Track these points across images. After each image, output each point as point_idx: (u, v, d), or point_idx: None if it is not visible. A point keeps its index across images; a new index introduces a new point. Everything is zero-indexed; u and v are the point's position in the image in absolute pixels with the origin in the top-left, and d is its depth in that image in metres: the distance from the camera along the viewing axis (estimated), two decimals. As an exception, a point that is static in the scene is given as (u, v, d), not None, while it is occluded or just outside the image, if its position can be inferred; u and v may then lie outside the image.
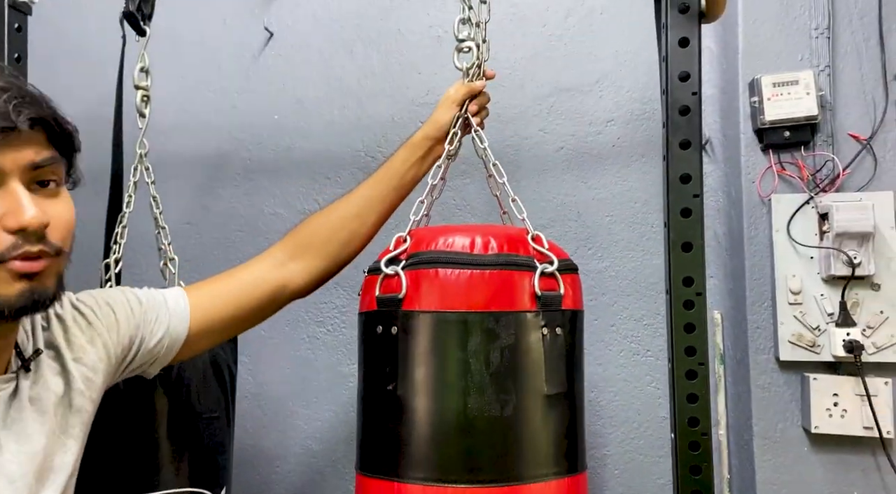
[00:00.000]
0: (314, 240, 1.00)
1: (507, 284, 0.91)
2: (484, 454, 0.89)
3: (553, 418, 0.92)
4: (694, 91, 0.97)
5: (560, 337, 0.93)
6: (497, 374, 0.90)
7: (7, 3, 1.07)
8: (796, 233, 1.31)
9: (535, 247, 0.95)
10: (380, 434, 0.95)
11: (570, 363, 0.95)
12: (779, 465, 1.30)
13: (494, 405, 0.89)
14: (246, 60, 1.62)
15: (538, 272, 0.91)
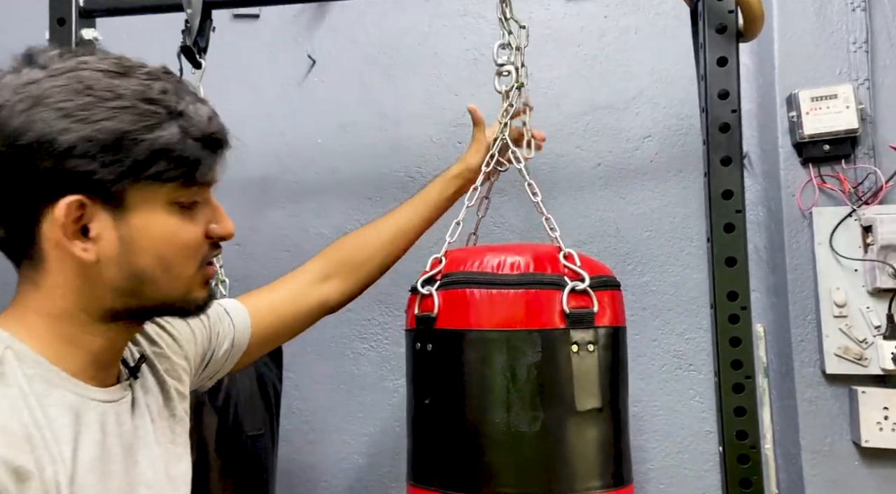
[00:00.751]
0: (351, 261, 1.06)
1: (533, 303, 0.94)
2: (513, 468, 0.91)
3: (589, 433, 0.94)
4: (733, 108, 0.99)
5: (593, 354, 0.94)
6: (526, 391, 0.92)
7: (74, 42, 1.14)
8: (839, 245, 1.31)
9: (566, 265, 0.97)
10: (420, 446, 1.00)
11: (608, 378, 0.96)
12: (829, 480, 1.29)
13: (523, 420, 0.91)
14: (290, 87, 1.67)
15: (567, 289, 0.93)
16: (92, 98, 0.61)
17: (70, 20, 1.15)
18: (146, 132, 0.62)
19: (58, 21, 1.15)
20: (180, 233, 0.67)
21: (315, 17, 1.68)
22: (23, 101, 0.60)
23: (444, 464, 0.95)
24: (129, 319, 0.69)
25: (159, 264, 0.66)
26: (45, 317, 0.65)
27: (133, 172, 0.62)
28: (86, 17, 1.17)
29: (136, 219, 0.64)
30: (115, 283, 0.65)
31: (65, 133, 0.60)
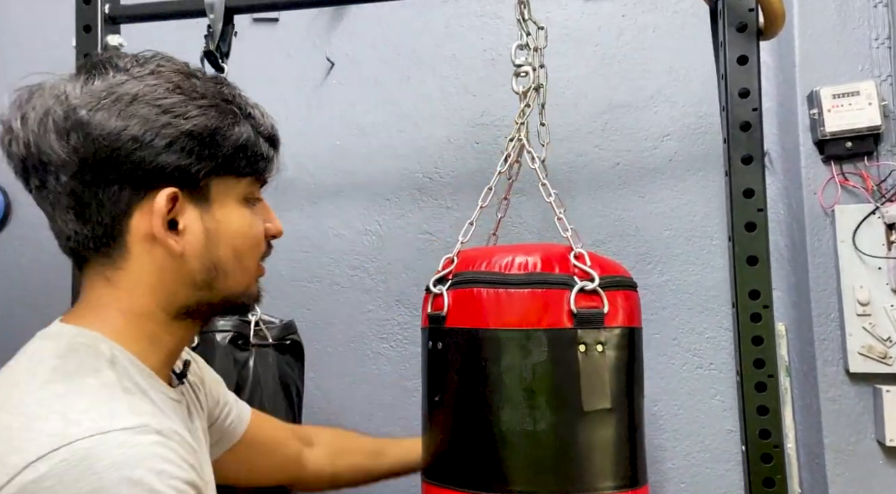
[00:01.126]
0: (344, 448, 1.12)
1: (539, 302, 0.94)
2: (519, 467, 0.92)
3: (598, 433, 0.93)
4: (754, 107, 0.99)
5: (603, 354, 0.93)
6: (532, 391, 0.92)
7: (100, 48, 1.16)
8: (862, 243, 1.29)
9: (576, 265, 0.96)
10: (432, 444, 1.01)
11: (619, 379, 0.95)
12: (853, 479, 1.28)
13: (529, 420, 0.92)
14: (309, 90, 1.69)
15: (575, 289, 0.93)
16: (183, 96, 0.65)
17: (96, 27, 1.17)
18: (230, 129, 0.67)
19: (84, 28, 1.17)
20: (252, 227, 0.72)
21: (333, 20, 1.70)
22: (118, 101, 0.63)
23: (454, 462, 0.96)
24: (197, 316, 0.71)
25: (234, 256, 0.69)
26: (128, 315, 0.66)
27: (220, 167, 0.67)
28: (111, 24, 1.19)
29: (218, 212, 0.68)
30: (193, 276, 0.68)
31: (167, 127, 0.64)
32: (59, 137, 0.63)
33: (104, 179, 0.64)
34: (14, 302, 1.76)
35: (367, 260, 1.64)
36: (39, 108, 0.64)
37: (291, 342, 1.22)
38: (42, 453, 0.53)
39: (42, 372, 0.61)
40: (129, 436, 0.55)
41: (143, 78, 0.65)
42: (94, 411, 0.57)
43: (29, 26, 1.81)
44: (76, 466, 0.53)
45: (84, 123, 0.62)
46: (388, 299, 1.62)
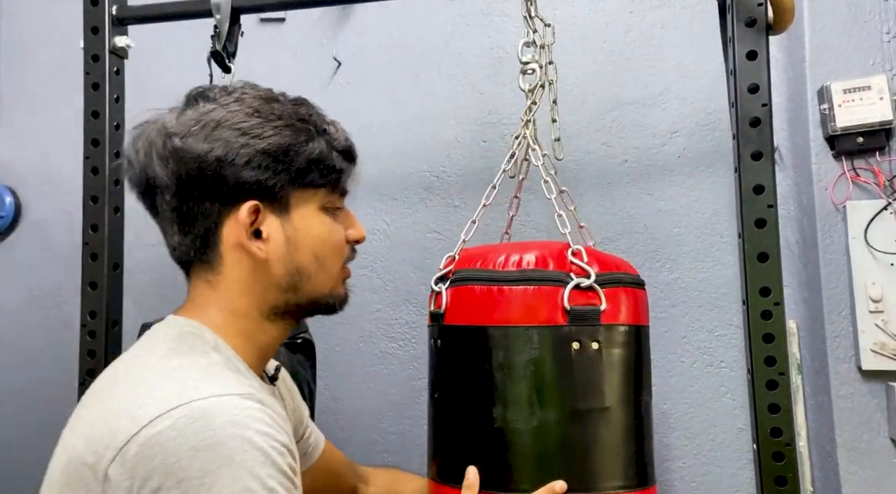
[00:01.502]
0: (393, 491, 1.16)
1: (533, 299, 0.93)
2: (517, 465, 0.91)
3: (596, 432, 0.92)
4: (764, 102, 0.98)
5: (599, 352, 0.92)
6: (526, 388, 0.92)
7: (107, 49, 1.17)
8: (874, 239, 1.28)
9: (573, 261, 0.95)
10: (433, 439, 1.01)
11: (620, 377, 0.94)
12: (866, 478, 1.27)
13: (524, 418, 0.91)
14: (316, 89, 1.69)
15: (569, 286, 0.92)
16: (260, 119, 0.74)
17: (104, 28, 1.17)
18: (303, 145, 0.75)
19: (92, 30, 1.18)
20: (332, 233, 0.79)
21: (340, 19, 1.70)
22: (205, 127, 0.73)
23: (455, 460, 0.96)
24: (288, 316, 0.79)
25: (315, 260, 0.77)
26: (226, 312, 0.76)
27: (295, 179, 0.75)
28: (119, 25, 1.20)
29: (297, 221, 0.76)
30: (279, 280, 0.76)
31: (245, 147, 0.73)
32: (161, 163, 0.74)
33: (198, 196, 0.74)
34: (24, 301, 1.78)
35: (375, 260, 1.64)
36: (146, 141, 0.76)
37: (303, 340, 1.22)
38: (165, 409, 0.62)
39: (158, 350, 0.72)
40: (239, 401, 0.65)
41: (227, 105, 0.75)
42: (207, 381, 0.67)
43: (37, 27, 1.82)
44: (196, 421, 0.61)
45: (178, 149, 0.73)
46: (397, 298, 1.62)
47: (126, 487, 0.61)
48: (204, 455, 0.60)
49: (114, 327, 1.15)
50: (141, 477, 0.61)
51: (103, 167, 1.15)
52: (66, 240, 1.74)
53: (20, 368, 1.76)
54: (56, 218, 1.76)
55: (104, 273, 1.14)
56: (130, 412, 0.64)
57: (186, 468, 0.60)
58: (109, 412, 0.65)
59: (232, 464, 0.60)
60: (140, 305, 1.67)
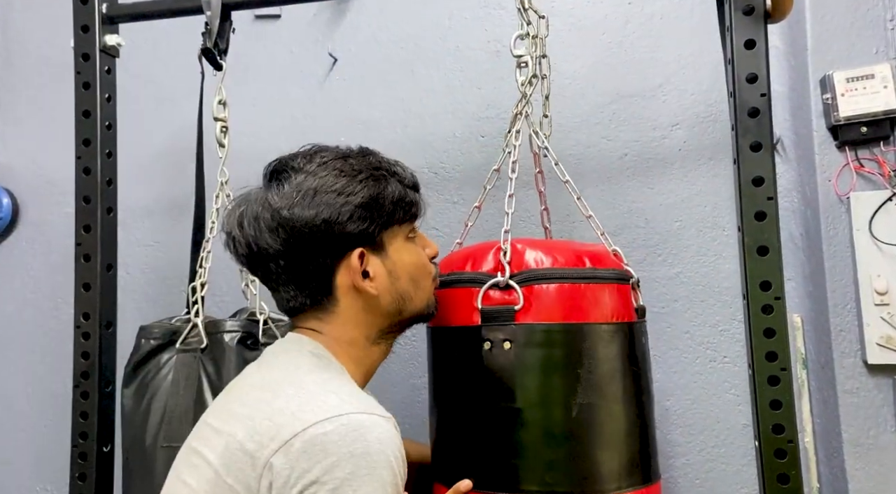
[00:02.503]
0: None
1: (458, 300, 0.97)
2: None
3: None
4: (763, 92, 0.96)
5: (509, 352, 0.91)
6: (460, 387, 0.96)
7: (98, 48, 1.16)
8: (879, 230, 1.26)
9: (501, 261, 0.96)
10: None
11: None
12: (873, 473, 1.25)
13: (464, 417, 0.95)
14: (312, 87, 1.68)
15: (485, 286, 0.94)
16: (347, 178, 0.85)
17: (94, 27, 1.16)
18: (385, 190, 0.86)
19: (82, 28, 1.17)
20: (419, 258, 0.91)
21: (335, 15, 1.68)
22: (305, 196, 0.84)
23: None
24: (390, 336, 0.92)
25: (413, 284, 0.89)
26: (340, 342, 0.87)
27: (387, 222, 0.87)
28: (109, 24, 1.19)
29: (393, 255, 0.88)
30: (387, 308, 0.88)
31: (345, 206, 0.84)
32: (271, 234, 0.84)
33: (311, 255, 0.84)
34: (22, 304, 1.77)
35: (373, 257, 1.62)
36: (250, 215, 0.86)
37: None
38: (329, 415, 0.74)
39: (304, 364, 0.84)
40: (384, 422, 0.77)
41: (315, 172, 0.85)
42: (356, 398, 0.79)
43: (34, 27, 1.81)
44: (354, 430, 0.74)
45: (287, 219, 0.83)
46: (396, 296, 1.61)
47: (286, 475, 0.72)
48: (356, 461, 0.72)
49: (108, 328, 1.15)
50: (301, 469, 0.72)
51: (95, 167, 1.14)
52: (64, 242, 1.73)
53: (18, 370, 1.76)
54: (54, 219, 1.76)
55: (97, 274, 1.13)
56: (296, 413, 0.75)
57: (342, 467, 0.72)
58: (274, 410, 0.76)
59: (374, 474, 0.73)
60: (139, 307, 1.67)
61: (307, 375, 0.81)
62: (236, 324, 1.14)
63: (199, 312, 1.13)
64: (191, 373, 1.06)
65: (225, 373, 1.07)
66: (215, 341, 1.11)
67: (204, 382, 1.07)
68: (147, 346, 1.11)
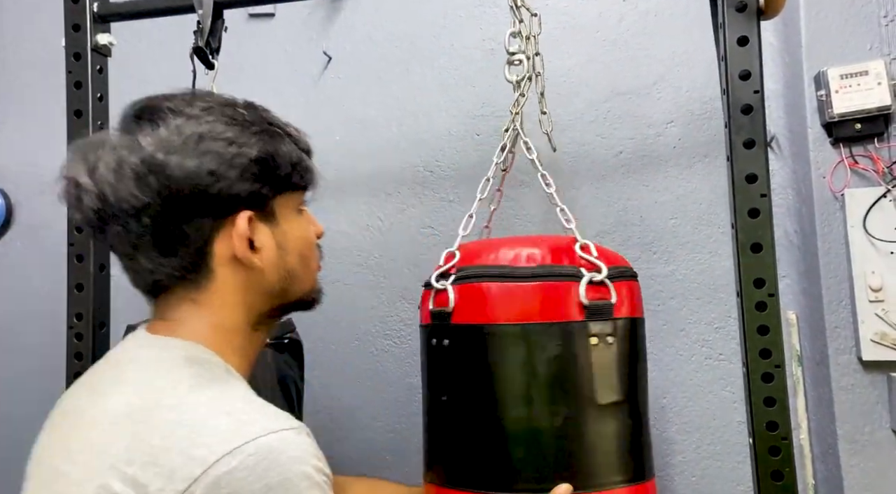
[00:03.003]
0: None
1: (550, 295, 0.91)
2: (528, 465, 0.89)
3: (610, 427, 0.91)
4: (756, 89, 0.95)
5: (613, 346, 0.92)
6: (544, 385, 0.90)
7: (90, 47, 1.15)
8: (874, 227, 1.26)
9: (582, 256, 0.94)
10: (438, 444, 0.98)
11: (628, 371, 0.94)
12: (868, 470, 1.25)
13: (538, 416, 0.90)
14: (307, 85, 1.67)
15: (584, 281, 0.91)
16: (239, 127, 0.72)
17: (85, 26, 1.16)
18: (282, 149, 0.74)
19: (73, 27, 1.16)
20: (308, 233, 0.81)
21: (330, 13, 1.68)
22: (188, 141, 0.69)
23: (461, 463, 0.94)
24: (270, 320, 0.79)
25: (301, 261, 0.78)
26: (220, 330, 0.72)
27: (282, 185, 0.75)
28: (100, 23, 1.18)
29: (284, 226, 0.76)
30: (272, 286, 0.75)
31: (237, 158, 0.70)
32: (138, 183, 0.68)
33: (187, 213, 0.70)
34: (15, 305, 1.77)
35: (369, 257, 1.62)
36: (110, 161, 0.69)
37: (290, 340, 1.20)
38: (230, 448, 0.59)
39: (184, 378, 0.66)
40: (295, 435, 0.63)
41: (199, 117, 0.71)
42: (255, 412, 0.64)
43: (27, 26, 1.81)
44: (264, 458, 0.60)
45: (161, 166, 0.68)
46: (392, 295, 1.60)
47: None
48: (276, 493, 0.60)
49: (101, 329, 1.14)
50: None
51: (87, 167, 1.14)
52: (58, 242, 1.72)
53: (11, 371, 1.75)
54: (48, 220, 1.75)
55: (90, 274, 1.13)
56: (186, 451, 0.60)
57: None
58: (156, 449, 0.60)
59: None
60: (132, 307, 1.67)
61: (189, 395, 0.64)
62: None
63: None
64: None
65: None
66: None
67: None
68: (138, 345, 1.10)
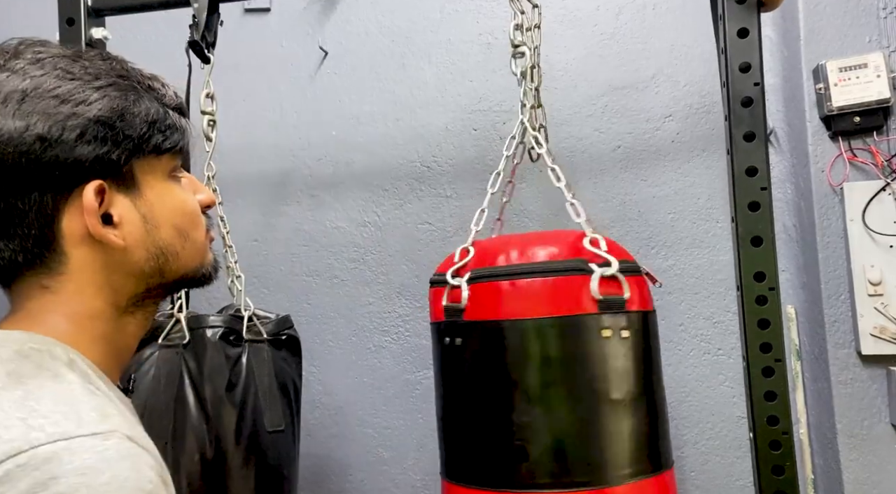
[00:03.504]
0: None
1: (563, 290, 0.91)
2: (545, 461, 0.89)
3: (626, 421, 0.91)
4: (756, 81, 0.95)
5: (627, 340, 0.92)
6: (559, 380, 0.90)
7: (84, 41, 1.14)
8: (872, 221, 1.25)
9: (593, 251, 0.94)
10: (457, 442, 0.98)
11: (643, 364, 0.94)
12: (867, 463, 1.25)
13: (557, 411, 0.89)
14: (303, 80, 1.66)
15: (596, 275, 0.91)
16: (79, 81, 0.60)
17: (79, 20, 1.15)
18: (136, 106, 0.63)
19: (67, 21, 1.15)
20: (187, 202, 0.68)
21: (326, 8, 1.67)
22: (7, 101, 0.58)
23: (479, 460, 0.94)
24: (149, 302, 0.68)
25: (178, 235, 0.66)
26: (76, 318, 0.62)
27: (139, 148, 0.63)
28: (95, 17, 1.17)
29: (149, 195, 0.64)
30: (141, 266, 0.64)
31: (72, 118, 0.59)
32: None
33: (19, 188, 0.58)
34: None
35: (366, 253, 1.61)
36: None
37: (287, 337, 1.19)
38: (45, 479, 0.48)
39: None
40: (96, 442, 0.51)
41: (25, 71, 0.59)
42: (58, 414, 0.53)
43: (14, 19, 1.79)
44: (36, 470, 0.48)
45: None
46: (389, 291, 1.60)
47: None
48: None
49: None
50: None
51: (82, 162, 1.13)
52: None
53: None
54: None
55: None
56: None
57: None
58: None
59: None
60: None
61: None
62: (219, 320, 1.12)
63: (183, 307, 1.12)
64: (172, 369, 1.04)
65: (206, 369, 1.05)
66: (197, 336, 1.09)
67: (185, 378, 1.05)
68: (131, 342, 1.09)
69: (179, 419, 0.96)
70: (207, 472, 1.06)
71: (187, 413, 1.03)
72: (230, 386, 1.03)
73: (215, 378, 1.05)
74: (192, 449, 1.05)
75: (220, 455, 1.06)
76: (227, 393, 0.99)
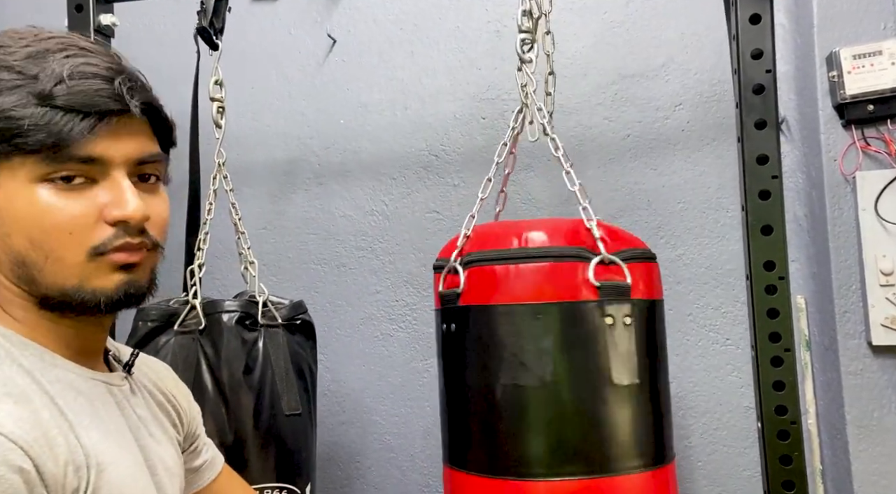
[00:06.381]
0: None
1: (559, 275, 0.91)
2: (549, 449, 0.89)
3: (627, 410, 0.91)
4: (768, 68, 0.94)
5: (631, 327, 0.91)
6: (559, 366, 0.90)
7: (93, 27, 1.14)
8: (885, 210, 1.24)
9: (592, 237, 0.93)
10: (457, 428, 0.98)
11: (647, 353, 0.93)
12: (877, 455, 1.24)
13: (556, 397, 0.89)
14: (311, 68, 1.66)
15: (594, 261, 0.90)
16: None
17: (88, 6, 1.15)
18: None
19: (76, 7, 1.15)
20: (50, 213, 0.58)
21: (333, -5, 1.66)
22: None
23: (478, 446, 0.94)
24: (59, 311, 0.61)
25: (32, 247, 0.58)
26: None
27: None
28: (104, 3, 1.17)
29: (1, 199, 0.58)
30: (10, 266, 0.59)
31: None
32: None
33: None
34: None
35: (374, 241, 1.61)
36: None
37: (302, 321, 1.20)
38: None
39: None
40: None
41: None
42: None
43: (23, 6, 1.79)
44: None
45: None
46: (397, 280, 1.60)
47: None
48: None
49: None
50: None
51: (91, 149, 1.13)
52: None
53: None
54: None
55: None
56: None
57: None
58: None
59: None
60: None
61: None
62: (234, 304, 1.13)
63: (198, 294, 1.12)
64: (189, 355, 1.05)
65: (223, 354, 1.06)
66: (213, 321, 1.10)
67: (202, 363, 1.06)
68: (144, 329, 1.10)
69: (197, 403, 0.97)
70: (227, 456, 1.06)
71: (205, 398, 1.04)
72: (247, 370, 1.03)
73: (232, 362, 1.05)
74: (210, 433, 1.05)
75: (239, 438, 1.07)
76: (245, 377, 1.00)
